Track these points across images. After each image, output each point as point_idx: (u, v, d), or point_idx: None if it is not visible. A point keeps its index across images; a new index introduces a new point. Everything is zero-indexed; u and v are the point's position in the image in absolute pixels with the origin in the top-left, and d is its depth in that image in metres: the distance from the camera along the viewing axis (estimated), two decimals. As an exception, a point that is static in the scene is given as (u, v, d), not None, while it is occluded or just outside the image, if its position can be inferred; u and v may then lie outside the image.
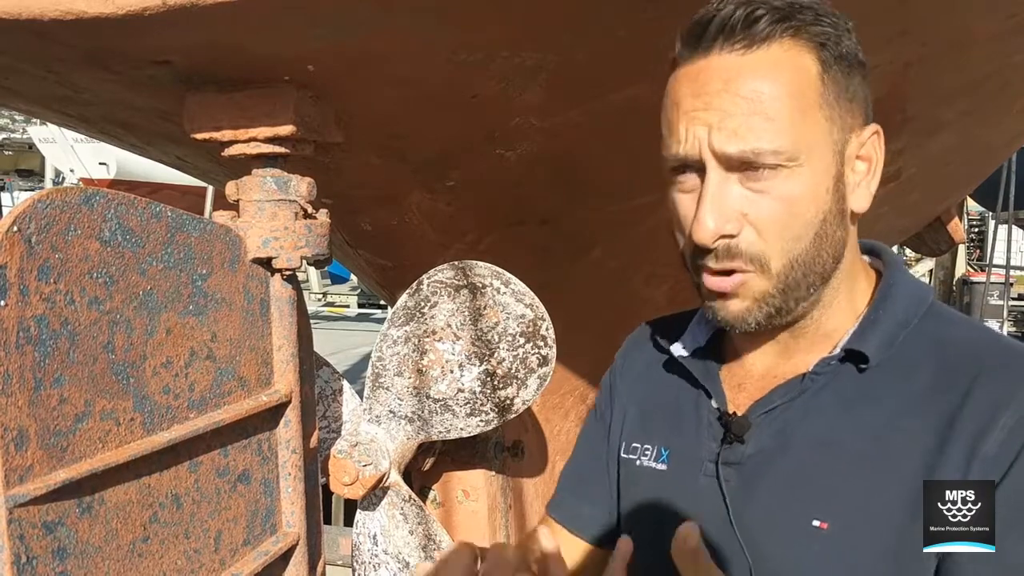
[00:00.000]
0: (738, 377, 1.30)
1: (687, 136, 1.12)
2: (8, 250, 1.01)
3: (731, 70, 1.10)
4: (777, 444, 1.20)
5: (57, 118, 2.05)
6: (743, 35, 1.09)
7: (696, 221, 1.11)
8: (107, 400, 1.16)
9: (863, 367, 1.19)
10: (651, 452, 1.35)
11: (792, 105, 1.09)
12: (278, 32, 1.36)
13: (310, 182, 1.57)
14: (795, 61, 1.11)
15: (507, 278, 2.04)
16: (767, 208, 1.11)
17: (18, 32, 1.23)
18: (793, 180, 1.11)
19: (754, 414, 1.23)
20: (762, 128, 1.08)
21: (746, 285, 1.14)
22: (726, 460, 1.23)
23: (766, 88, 1.09)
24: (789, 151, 1.09)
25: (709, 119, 1.09)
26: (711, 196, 1.11)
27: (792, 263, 1.14)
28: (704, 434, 1.28)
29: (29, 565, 1.03)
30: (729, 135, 1.08)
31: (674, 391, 1.36)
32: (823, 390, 1.20)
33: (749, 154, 1.08)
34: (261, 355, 1.53)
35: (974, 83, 2.75)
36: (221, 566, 1.42)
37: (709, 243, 1.11)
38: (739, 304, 1.16)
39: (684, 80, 1.14)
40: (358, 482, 2.02)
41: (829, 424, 1.18)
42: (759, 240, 1.12)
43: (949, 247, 6.42)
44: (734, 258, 1.13)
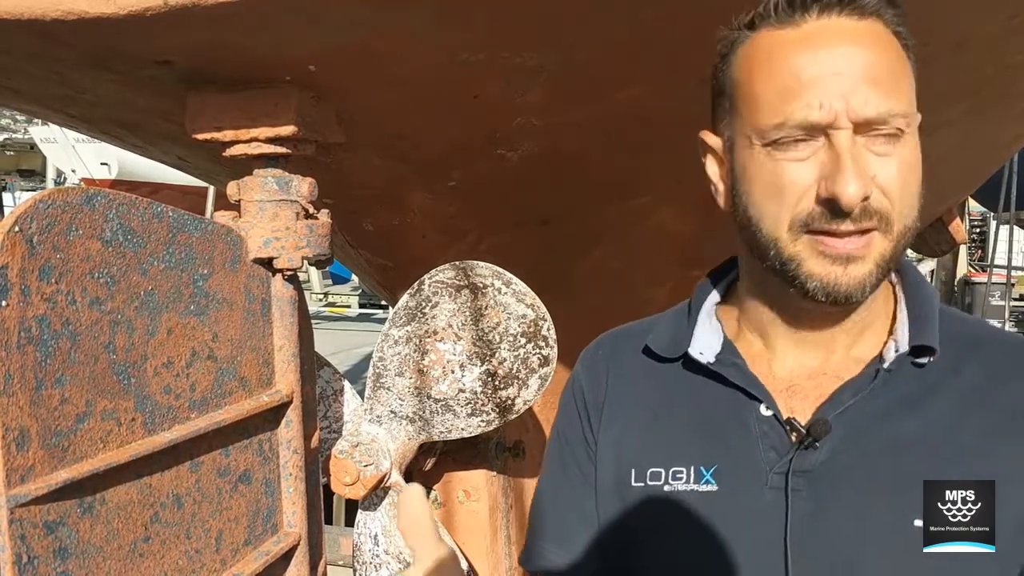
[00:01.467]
0: (783, 379, 1.23)
1: (819, 102, 1.07)
2: (10, 250, 1.01)
3: (854, 33, 1.09)
4: (851, 446, 1.16)
5: (59, 118, 2.05)
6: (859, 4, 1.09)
7: (840, 184, 1.06)
8: (108, 400, 1.16)
9: (921, 362, 1.18)
10: (685, 474, 1.22)
11: (901, 71, 1.11)
12: (279, 32, 1.36)
13: (311, 182, 1.57)
14: (889, 36, 1.12)
15: (508, 278, 2.04)
16: (891, 171, 1.10)
17: (20, 32, 1.23)
18: (908, 147, 1.11)
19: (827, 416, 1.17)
20: (892, 91, 1.08)
21: (872, 244, 1.11)
22: (798, 468, 1.16)
23: (883, 53, 1.09)
24: (910, 115, 1.09)
25: (843, 83, 1.07)
26: (852, 158, 1.07)
27: (906, 229, 1.13)
28: (758, 445, 1.19)
29: (30, 565, 1.03)
30: (864, 99, 1.06)
31: (693, 402, 1.26)
32: (887, 388, 1.17)
33: (886, 115, 1.07)
34: (262, 355, 1.53)
35: (975, 83, 2.74)
36: (222, 566, 1.42)
37: (856, 205, 1.07)
38: (862, 268, 1.12)
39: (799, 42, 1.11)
40: (359, 482, 2.02)
41: (899, 422, 1.16)
42: (885, 199, 1.10)
43: (950, 247, 6.40)
44: (871, 217, 1.10)
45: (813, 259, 1.12)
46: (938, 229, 5.64)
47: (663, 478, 1.23)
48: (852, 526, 1.14)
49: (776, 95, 1.10)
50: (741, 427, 1.21)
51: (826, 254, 1.11)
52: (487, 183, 2.25)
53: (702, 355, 1.25)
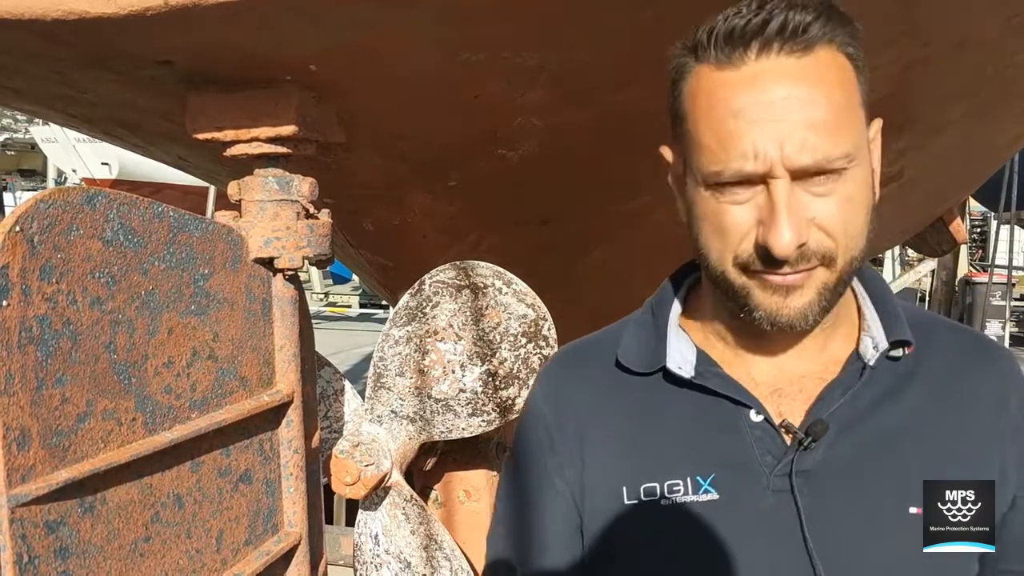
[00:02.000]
0: (767, 384, 1.24)
1: (755, 151, 1.07)
2: (10, 250, 1.01)
3: (792, 75, 1.07)
4: (844, 442, 1.19)
5: (60, 118, 2.06)
6: (801, 39, 1.06)
7: (774, 235, 1.07)
8: (109, 400, 1.16)
9: (895, 355, 1.22)
10: (682, 486, 1.22)
11: (846, 106, 1.09)
12: (280, 32, 1.36)
13: (312, 182, 1.57)
14: (838, 63, 1.10)
15: (509, 278, 2.03)
16: (831, 210, 1.10)
17: (21, 32, 1.23)
18: (850, 180, 1.10)
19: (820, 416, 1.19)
20: (829, 135, 1.06)
21: (812, 277, 1.13)
22: (799, 469, 1.18)
23: (823, 92, 1.07)
24: (852, 153, 1.09)
25: (779, 131, 1.06)
26: (787, 209, 1.08)
27: (852, 260, 1.14)
28: (754, 450, 1.20)
29: (31, 564, 1.03)
30: (800, 146, 1.06)
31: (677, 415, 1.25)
32: (869, 384, 1.21)
33: (823, 162, 1.06)
34: (263, 355, 1.53)
35: (976, 84, 2.74)
36: (223, 566, 1.43)
37: (790, 255, 1.08)
38: (802, 299, 1.13)
39: (737, 86, 1.09)
40: (360, 482, 2.02)
41: (885, 413, 1.20)
42: (827, 239, 1.11)
43: (951, 247, 6.41)
44: (809, 260, 1.11)
45: (757, 290, 1.13)
46: (939, 229, 5.65)
47: (659, 492, 1.22)
48: (854, 519, 1.16)
49: (715, 141, 1.10)
50: (733, 434, 1.21)
51: (766, 287, 1.13)
52: (487, 183, 2.25)
53: (681, 369, 1.24)
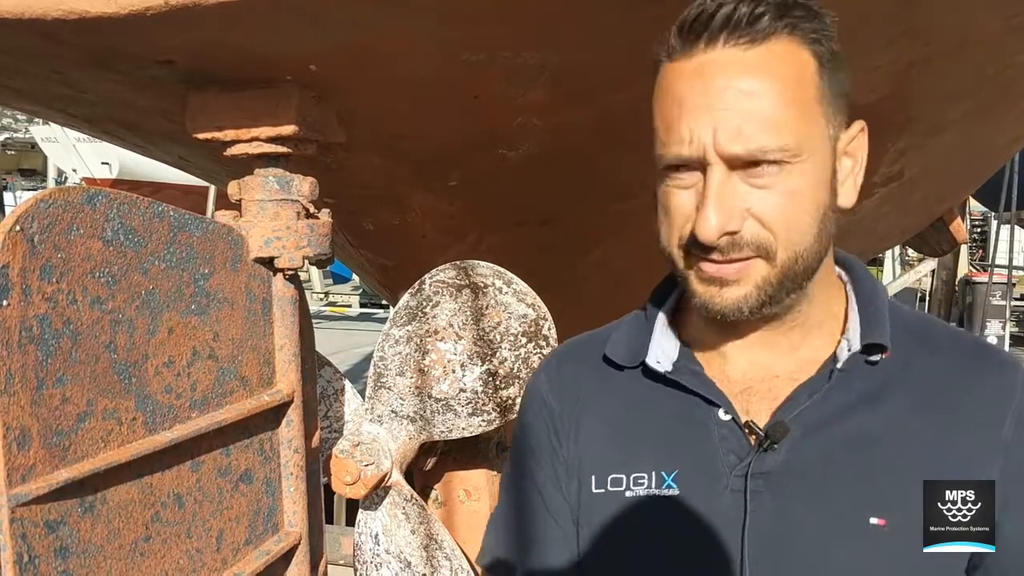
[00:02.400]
0: (738, 382, 1.24)
1: (690, 136, 1.09)
2: (11, 249, 1.01)
3: (735, 66, 1.08)
4: (810, 446, 1.17)
5: (61, 118, 2.06)
6: (747, 31, 1.07)
7: (701, 219, 1.09)
8: (109, 399, 1.16)
9: (873, 359, 1.19)
10: (647, 479, 1.23)
11: (794, 100, 1.09)
12: (280, 32, 1.36)
13: (312, 182, 1.57)
14: (795, 56, 1.10)
15: (509, 278, 2.03)
16: (771, 202, 1.10)
17: (21, 32, 1.23)
18: (796, 175, 1.10)
19: (784, 418, 1.18)
20: (767, 126, 1.07)
21: (749, 270, 1.13)
22: (757, 471, 1.17)
23: (769, 84, 1.07)
24: (793, 147, 1.08)
25: (714, 118, 1.07)
26: (715, 195, 1.09)
27: (797, 256, 1.13)
28: (719, 448, 1.20)
29: (31, 564, 1.03)
30: (734, 135, 1.07)
31: (654, 410, 1.26)
32: (842, 386, 1.19)
33: (756, 152, 1.07)
34: (263, 355, 1.53)
35: (977, 83, 2.74)
36: (223, 565, 1.43)
37: (714, 240, 1.09)
38: (737, 291, 1.14)
39: (684, 76, 1.11)
40: (360, 482, 2.02)
41: (857, 419, 1.17)
42: (763, 231, 1.11)
43: (951, 247, 6.41)
44: (741, 249, 1.11)
45: (695, 279, 1.15)
46: (939, 229, 5.65)
47: (624, 484, 1.24)
48: (814, 524, 1.15)
49: (662, 127, 1.13)
50: (701, 432, 1.22)
51: (702, 276, 1.14)
52: (488, 183, 2.25)
53: (659, 364, 1.26)
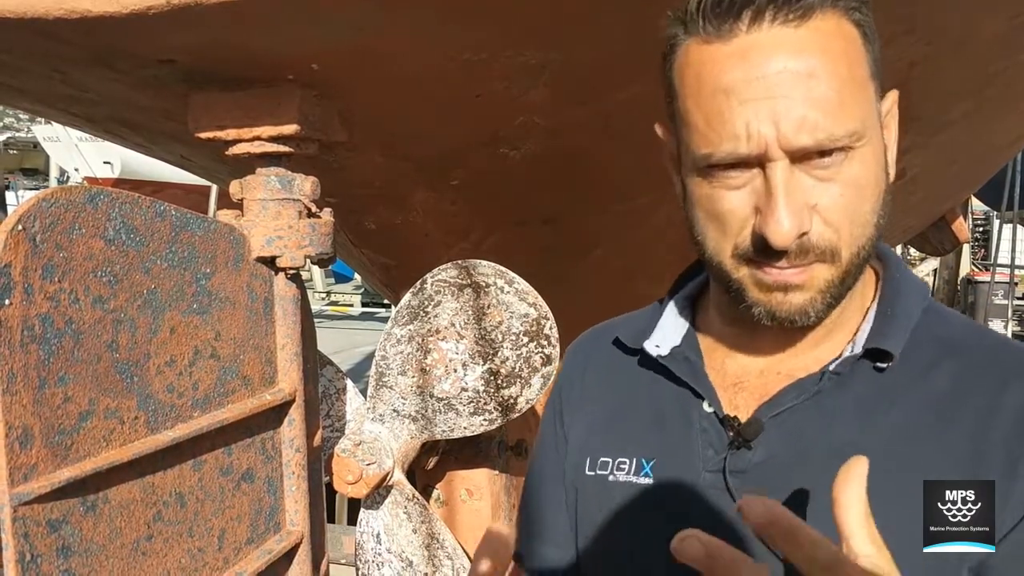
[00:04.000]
0: (733, 375, 1.19)
1: (747, 131, 0.99)
2: (13, 249, 1.01)
3: (789, 47, 0.98)
4: (791, 451, 1.10)
5: (63, 117, 2.06)
6: (797, 6, 0.98)
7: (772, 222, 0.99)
8: (111, 399, 1.16)
9: (881, 366, 1.11)
10: (628, 465, 1.20)
11: (852, 78, 1.01)
12: (281, 32, 1.36)
13: (314, 181, 1.57)
14: (843, 30, 1.01)
15: (511, 277, 2.03)
16: (836, 196, 1.02)
17: (24, 31, 1.23)
18: (859, 161, 1.02)
19: (763, 417, 1.12)
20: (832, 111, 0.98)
21: (812, 274, 1.04)
22: (731, 468, 1.11)
23: (826, 64, 0.98)
24: (859, 131, 1.00)
25: (774, 109, 0.98)
26: (785, 194, 0.99)
27: (859, 251, 1.05)
28: (697, 441, 1.16)
29: (34, 563, 1.03)
30: (799, 125, 0.97)
31: (649, 395, 1.23)
32: (838, 391, 1.11)
33: (825, 142, 0.98)
34: (265, 354, 1.53)
35: (979, 82, 2.74)
36: (225, 564, 1.43)
37: (788, 245, 1.00)
38: (802, 296, 1.05)
39: (726, 61, 1.00)
40: (362, 481, 2.02)
41: (848, 429, 1.09)
42: (828, 230, 1.03)
43: (953, 246, 6.40)
44: (807, 255, 1.02)
45: (754, 286, 1.06)
46: (941, 228, 5.64)
47: (609, 468, 1.21)
48: None
49: (705, 122, 1.02)
50: (684, 422, 1.17)
51: (764, 283, 1.05)
52: (490, 182, 2.25)
53: (658, 348, 1.21)
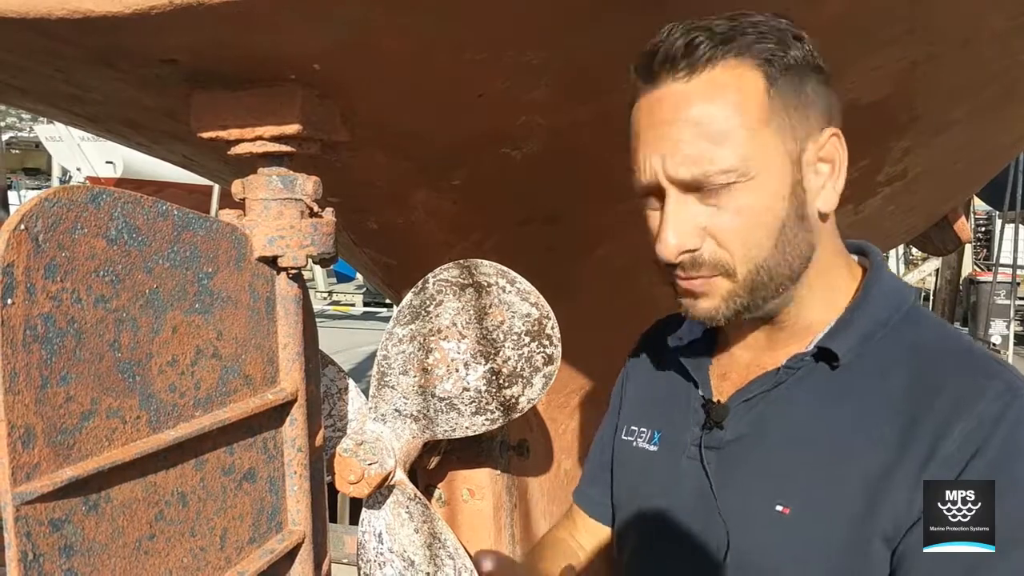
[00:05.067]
0: (724, 367, 1.39)
1: (646, 166, 1.20)
2: (15, 248, 1.01)
3: (678, 97, 1.17)
4: (753, 432, 1.29)
5: (65, 117, 2.06)
6: (685, 62, 1.16)
7: (659, 240, 1.20)
8: (113, 398, 1.17)
9: (835, 365, 1.25)
10: (646, 435, 1.45)
11: (739, 123, 1.15)
12: (283, 31, 1.36)
13: (316, 181, 1.57)
14: (739, 81, 1.16)
15: (512, 276, 2.04)
16: (725, 220, 1.18)
17: (26, 31, 1.23)
18: (747, 193, 1.17)
19: (733, 402, 1.32)
20: (711, 151, 1.15)
21: (713, 286, 1.22)
22: (708, 444, 1.33)
23: (711, 111, 1.15)
24: (739, 168, 1.15)
25: (663, 149, 1.17)
26: (671, 217, 1.19)
27: (757, 268, 1.20)
28: (690, 419, 1.38)
29: (36, 562, 1.04)
30: (680, 161, 1.16)
31: (670, 380, 1.46)
32: (799, 384, 1.27)
33: (700, 177, 1.15)
34: (267, 353, 1.53)
35: (982, 82, 2.74)
36: (227, 564, 1.43)
37: (673, 259, 1.20)
38: (708, 302, 1.24)
39: (641, 111, 1.23)
40: (363, 480, 2.02)
41: (802, 417, 1.25)
42: (720, 249, 1.19)
43: (956, 246, 6.40)
44: (699, 268, 1.21)
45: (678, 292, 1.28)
46: (943, 228, 5.64)
47: (634, 435, 1.48)
48: (735, 501, 1.27)
49: (630, 157, 1.26)
50: (685, 403, 1.41)
51: (679, 289, 1.26)
52: (492, 181, 2.25)
53: (680, 340, 1.45)
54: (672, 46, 1.18)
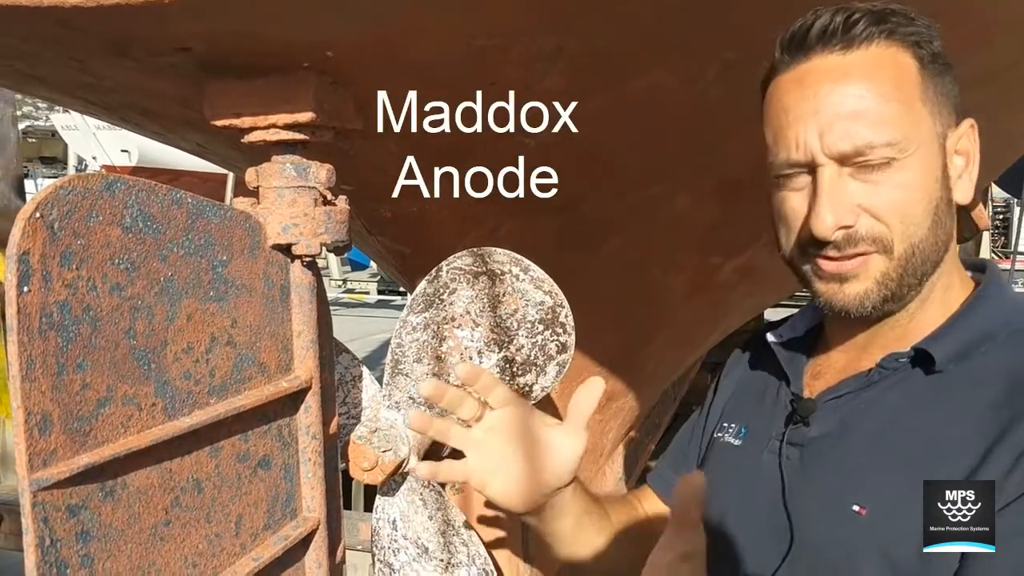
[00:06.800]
0: (820, 367, 1.36)
1: (799, 141, 1.16)
2: (31, 236, 1.02)
3: (835, 70, 1.15)
4: (837, 431, 1.25)
5: (80, 106, 2.06)
6: (843, 38, 1.15)
7: (814, 216, 1.15)
8: (129, 385, 1.17)
9: (932, 370, 1.21)
10: (734, 430, 1.45)
11: (897, 98, 1.15)
12: (297, 19, 1.36)
13: (329, 169, 1.57)
14: (895, 59, 1.17)
15: (526, 265, 2.03)
16: (884, 195, 1.15)
17: (40, 19, 1.24)
18: (906, 170, 1.15)
19: (821, 400, 1.29)
20: (872, 123, 1.13)
21: (868, 265, 1.17)
22: (791, 440, 1.30)
23: (870, 84, 1.14)
24: (900, 142, 1.14)
25: (819, 121, 1.14)
26: (828, 190, 1.15)
27: (913, 248, 1.17)
28: (778, 414, 1.36)
29: (53, 548, 1.04)
30: (842, 134, 1.13)
31: (765, 377, 1.45)
32: (892, 388, 1.23)
33: (863, 147, 1.13)
34: (281, 341, 1.53)
35: (997, 71, 2.71)
36: (242, 550, 1.44)
37: (829, 236, 1.15)
38: (858, 286, 1.19)
39: (789, 85, 1.19)
40: (377, 468, 2.03)
41: (890, 420, 1.21)
42: (877, 224, 1.16)
43: (973, 234, 6.35)
44: (857, 243, 1.17)
45: (815, 278, 1.23)
46: (961, 216, 5.59)
47: (724, 431, 1.47)
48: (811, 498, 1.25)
49: (771, 136, 1.22)
50: (774, 399, 1.40)
51: (822, 274, 1.21)
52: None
53: (780, 337, 1.43)
54: (830, 21, 1.16)
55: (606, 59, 1.83)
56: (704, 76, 1.98)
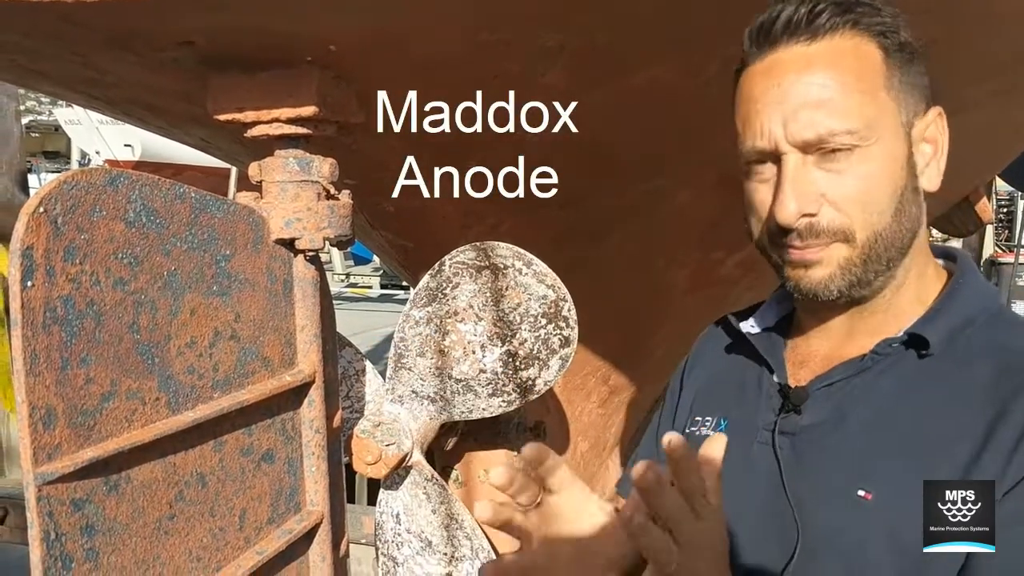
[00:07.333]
0: (802, 355, 1.36)
1: (764, 130, 1.18)
2: (35, 231, 1.02)
3: (800, 60, 1.17)
4: (832, 418, 1.25)
5: (83, 100, 2.07)
6: (807, 29, 1.17)
7: (777, 203, 1.18)
8: (132, 380, 1.18)
9: (924, 354, 1.23)
10: (711, 422, 1.41)
11: (860, 88, 1.17)
12: (300, 12, 1.36)
13: (332, 163, 1.57)
14: (858, 49, 1.18)
15: (529, 259, 2.03)
16: (847, 185, 1.17)
17: (43, 14, 1.24)
18: (869, 159, 1.17)
19: (813, 388, 1.28)
20: (834, 112, 1.15)
21: (830, 252, 1.20)
22: (782, 429, 1.29)
23: (834, 74, 1.16)
24: (861, 130, 1.16)
25: (784, 110, 1.16)
26: (791, 179, 1.17)
27: (876, 236, 1.19)
28: (763, 405, 1.34)
29: (58, 541, 1.05)
30: (805, 123, 1.15)
31: (740, 367, 1.43)
32: (884, 373, 1.24)
33: (825, 135, 1.15)
34: (284, 335, 1.54)
35: (1003, 63, 2.70)
36: (246, 544, 1.44)
37: (792, 223, 1.17)
38: (822, 271, 1.21)
39: (756, 76, 1.21)
40: (381, 461, 2.04)
41: (885, 404, 1.22)
42: (839, 214, 1.18)
43: (977, 227, 6.33)
44: (818, 235, 1.19)
45: (785, 264, 1.24)
46: (965, 209, 5.58)
47: (698, 424, 1.43)
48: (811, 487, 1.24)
49: (740, 125, 1.23)
50: (756, 390, 1.37)
51: (789, 260, 1.23)
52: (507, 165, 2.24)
53: (753, 327, 1.42)
54: (795, 12, 1.18)
55: (607, 55, 1.82)
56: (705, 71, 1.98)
